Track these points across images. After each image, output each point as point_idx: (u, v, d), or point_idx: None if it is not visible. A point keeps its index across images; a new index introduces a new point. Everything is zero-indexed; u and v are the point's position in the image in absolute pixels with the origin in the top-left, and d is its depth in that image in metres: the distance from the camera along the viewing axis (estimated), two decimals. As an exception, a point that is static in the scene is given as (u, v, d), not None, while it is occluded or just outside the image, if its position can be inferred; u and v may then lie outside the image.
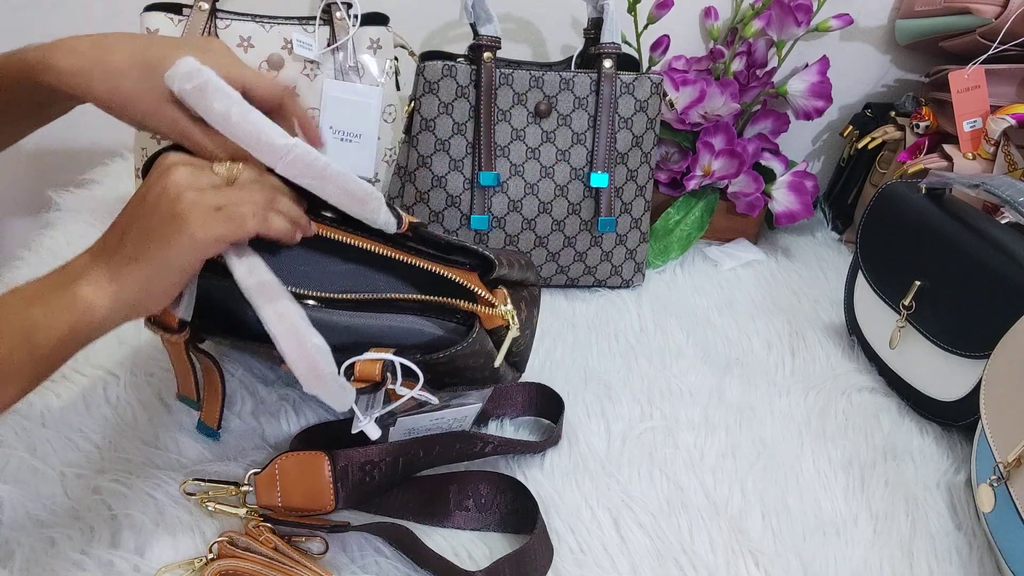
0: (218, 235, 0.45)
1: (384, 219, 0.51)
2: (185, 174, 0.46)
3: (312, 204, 0.52)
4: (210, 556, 0.51)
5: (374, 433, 0.50)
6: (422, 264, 0.53)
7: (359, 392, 0.50)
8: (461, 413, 0.60)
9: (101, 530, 0.53)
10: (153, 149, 0.86)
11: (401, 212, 0.52)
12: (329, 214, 0.53)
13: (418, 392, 0.52)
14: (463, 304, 0.53)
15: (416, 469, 0.59)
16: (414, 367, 0.51)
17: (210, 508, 0.54)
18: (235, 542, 0.51)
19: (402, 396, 0.51)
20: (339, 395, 0.48)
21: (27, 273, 0.81)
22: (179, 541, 0.53)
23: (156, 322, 0.52)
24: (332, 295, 0.52)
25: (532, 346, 0.62)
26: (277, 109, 0.54)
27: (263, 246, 0.49)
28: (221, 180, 0.48)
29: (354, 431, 0.50)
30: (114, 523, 0.54)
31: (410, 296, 0.53)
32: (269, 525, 0.52)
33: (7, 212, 1.14)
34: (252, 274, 0.47)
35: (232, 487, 0.55)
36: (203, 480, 0.56)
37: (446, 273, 0.53)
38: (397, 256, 0.53)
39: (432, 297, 0.53)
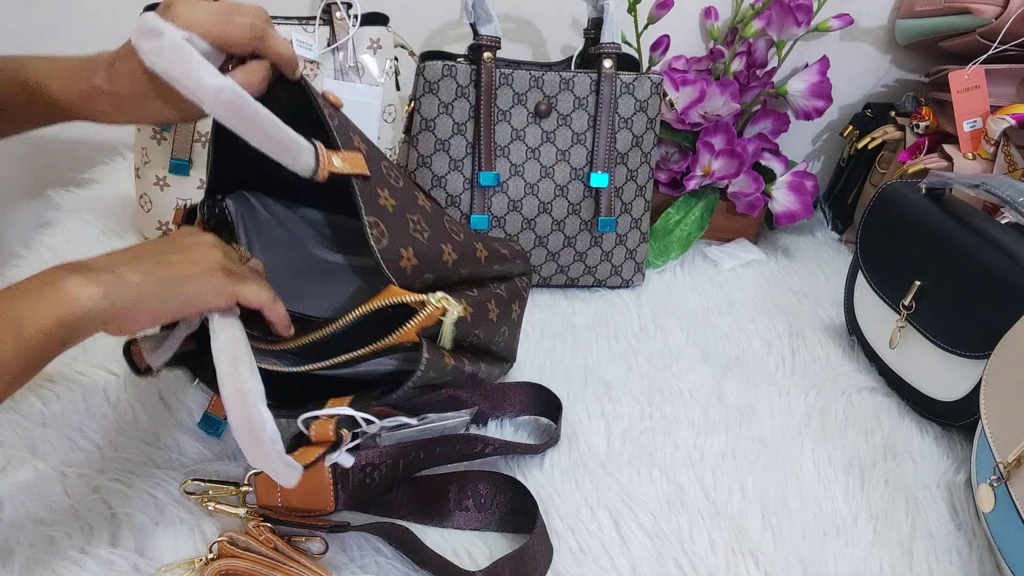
0: (224, 287, 0.49)
1: (303, 164, 0.49)
2: (221, 246, 0.52)
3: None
4: (210, 556, 0.51)
5: (347, 462, 0.51)
6: (355, 316, 0.52)
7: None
8: (448, 425, 0.60)
9: (101, 529, 0.53)
10: (153, 149, 0.86)
11: (323, 158, 0.50)
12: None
13: (386, 423, 0.53)
14: (403, 332, 0.52)
15: (416, 470, 0.59)
16: (369, 417, 0.52)
17: (210, 508, 0.54)
18: (235, 542, 0.51)
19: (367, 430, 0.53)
20: (285, 474, 0.47)
21: (27, 272, 0.81)
22: (179, 541, 0.53)
23: (128, 354, 0.55)
24: (289, 369, 0.55)
25: (519, 339, 0.62)
26: (252, 55, 0.52)
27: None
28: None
29: (327, 464, 0.50)
30: (114, 522, 0.54)
31: (359, 353, 0.53)
32: (269, 525, 0.52)
33: (7, 212, 1.14)
34: (228, 344, 0.48)
35: (232, 487, 0.55)
36: (203, 480, 0.56)
37: (372, 307, 0.52)
38: (331, 329, 0.53)
39: (379, 343, 0.53)
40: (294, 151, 0.48)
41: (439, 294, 0.53)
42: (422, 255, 0.54)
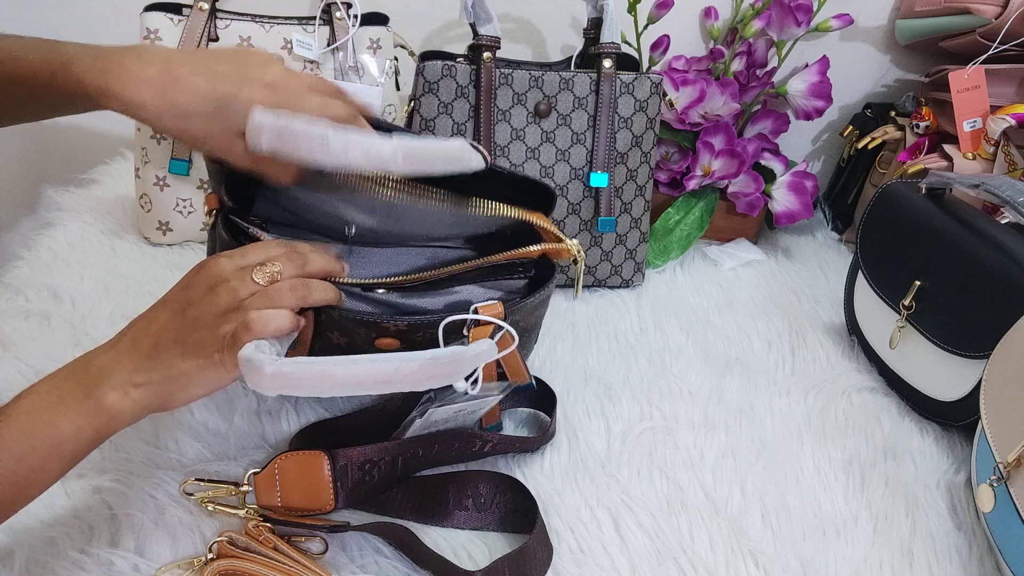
0: (224, 374, 0.47)
1: (476, 163, 0.54)
2: (228, 293, 0.47)
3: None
4: (210, 556, 0.51)
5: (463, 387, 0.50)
6: (494, 208, 0.57)
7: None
8: (482, 405, 0.59)
9: (101, 530, 0.53)
10: (153, 149, 0.86)
11: (482, 149, 0.55)
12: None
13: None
14: (532, 250, 0.58)
15: (415, 468, 0.59)
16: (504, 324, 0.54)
17: (210, 508, 0.54)
18: (235, 542, 0.51)
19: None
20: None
21: (27, 273, 0.81)
22: (179, 541, 0.53)
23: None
24: (401, 277, 0.57)
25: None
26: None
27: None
28: (263, 286, 0.49)
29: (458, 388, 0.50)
30: (114, 523, 0.54)
31: (477, 262, 0.58)
32: (269, 525, 0.53)
33: (7, 212, 1.14)
34: None
35: (232, 487, 0.55)
36: (203, 480, 0.56)
37: (515, 213, 0.58)
38: (468, 207, 0.57)
39: (502, 255, 0.58)
40: (465, 159, 0.53)
41: (576, 240, 0.59)
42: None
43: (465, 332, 0.53)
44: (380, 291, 0.57)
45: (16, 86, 0.53)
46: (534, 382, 0.61)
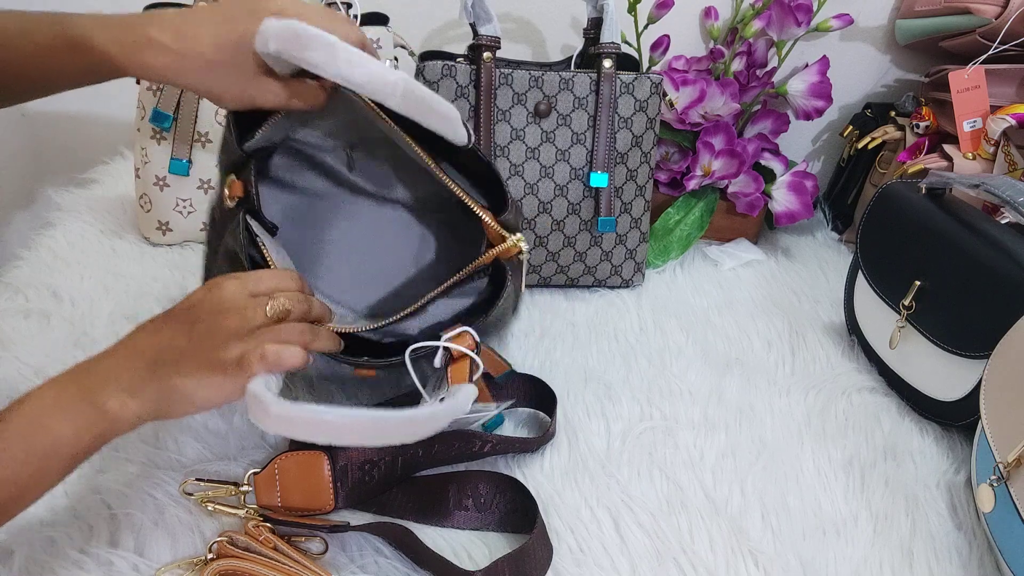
0: (223, 392, 0.47)
1: (461, 136, 0.56)
2: (239, 318, 0.48)
3: None
4: (210, 556, 0.51)
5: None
6: (452, 187, 0.60)
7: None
8: (480, 415, 0.61)
9: (100, 529, 0.53)
10: (153, 149, 0.86)
11: (469, 127, 0.58)
12: None
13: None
14: (486, 258, 0.62)
15: (415, 468, 0.59)
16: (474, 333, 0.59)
17: (209, 508, 0.54)
18: (235, 542, 0.51)
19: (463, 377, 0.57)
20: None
21: (27, 272, 0.81)
22: (178, 541, 0.53)
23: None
24: (374, 325, 0.60)
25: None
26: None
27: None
28: (272, 320, 0.50)
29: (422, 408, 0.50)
30: (113, 522, 0.54)
31: (441, 289, 0.63)
32: (269, 525, 0.53)
33: (7, 212, 1.14)
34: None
35: (232, 487, 0.55)
36: (203, 480, 0.56)
37: (468, 202, 0.61)
38: (435, 171, 0.60)
39: (460, 274, 0.63)
40: (455, 121, 0.54)
41: (518, 234, 0.62)
42: (516, 203, 0.67)
43: (439, 364, 0.58)
44: (366, 333, 0.60)
45: (31, 60, 0.53)
46: (511, 367, 0.65)
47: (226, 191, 0.59)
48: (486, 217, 0.61)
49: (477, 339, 0.58)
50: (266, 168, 0.68)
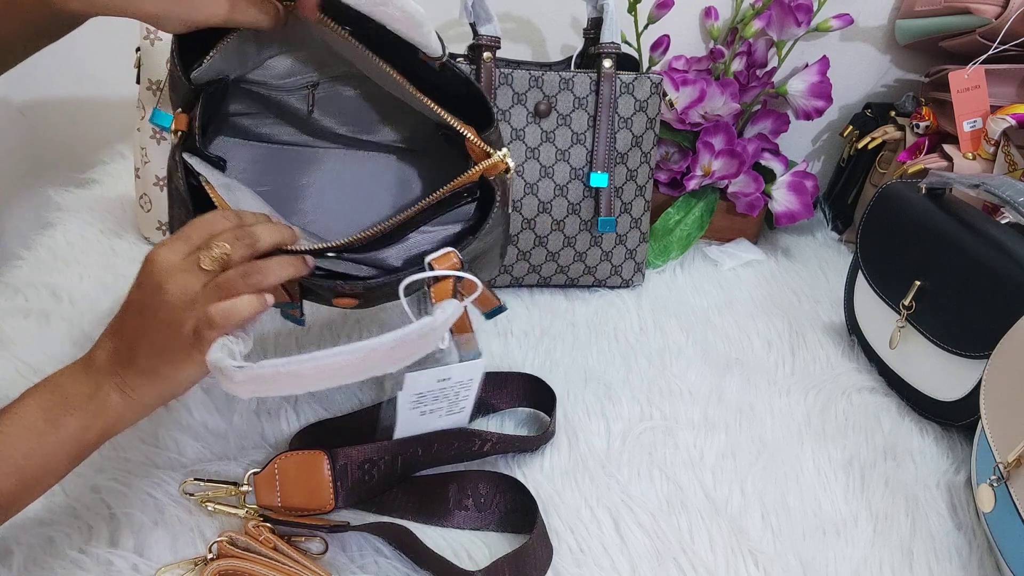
0: (196, 367, 0.45)
1: (434, 45, 0.54)
2: (178, 288, 0.44)
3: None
4: (209, 556, 0.51)
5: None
6: (430, 104, 0.57)
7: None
8: (467, 375, 0.58)
9: (100, 529, 0.53)
10: (153, 149, 0.86)
11: (444, 43, 0.55)
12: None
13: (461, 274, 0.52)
14: (470, 174, 0.57)
15: (415, 468, 0.59)
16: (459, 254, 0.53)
17: (209, 508, 0.54)
18: (235, 542, 0.51)
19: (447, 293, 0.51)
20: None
21: (27, 272, 0.81)
22: (178, 541, 0.53)
23: None
24: (349, 239, 0.54)
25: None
26: None
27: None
28: (214, 272, 0.46)
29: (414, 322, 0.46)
30: (113, 522, 0.54)
31: (420, 206, 0.56)
32: (269, 525, 0.52)
33: (7, 212, 1.14)
34: None
35: (232, 487, 0.55)
36: (203, 480, 0.56)
37: (448, 119, 0.57)
38: (410, 90, 0.57)
39: (441, 191, 0.57)
40: (426, 27, 0.52)
41: (504, 149, 0.58)
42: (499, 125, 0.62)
43: (426, 288, 0.51)
44: (330, 254, 0.54)
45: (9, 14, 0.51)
46: (504, 304, 0.59)
47: (171, 126, 0.55)
48: (469, 134, 0.57)
49: (462, 259, 0.52)
50: (226, 116, 0.64)
